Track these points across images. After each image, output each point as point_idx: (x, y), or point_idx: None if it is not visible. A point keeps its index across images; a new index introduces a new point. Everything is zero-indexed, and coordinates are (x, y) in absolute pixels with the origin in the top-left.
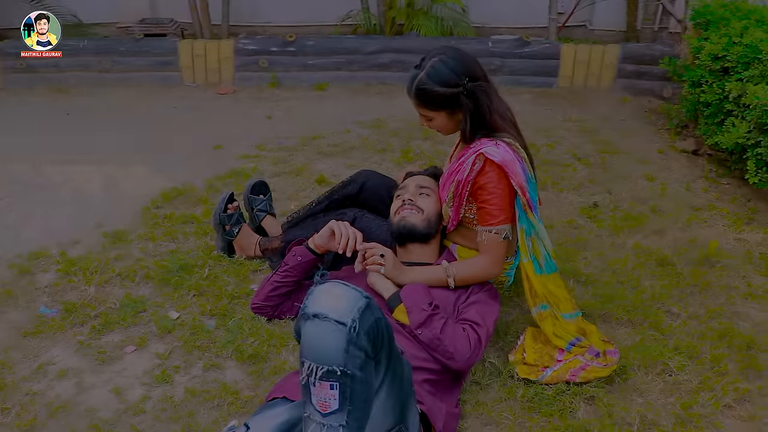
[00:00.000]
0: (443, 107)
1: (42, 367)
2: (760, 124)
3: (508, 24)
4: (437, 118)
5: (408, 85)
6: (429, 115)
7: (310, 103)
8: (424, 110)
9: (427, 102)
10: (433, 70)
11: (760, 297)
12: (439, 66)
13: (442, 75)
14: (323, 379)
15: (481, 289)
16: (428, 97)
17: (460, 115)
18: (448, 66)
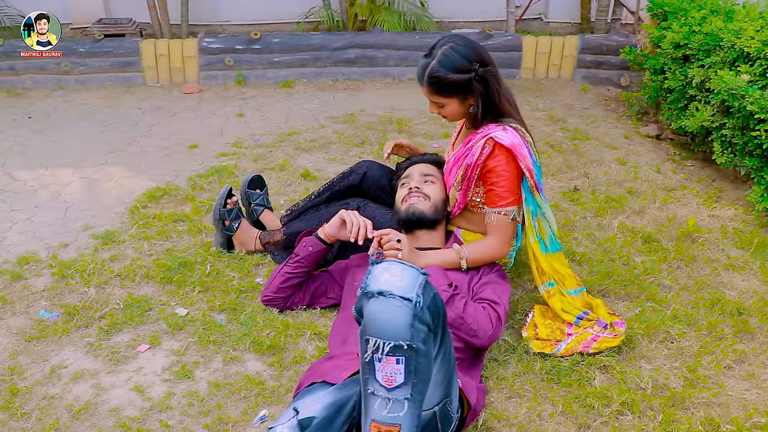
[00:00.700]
0: (456, 93)
1: (54, 371)
2: (724, 107)
3: (467, 18)
4: (449, 105)
5: (419, 74)
6: (441, 102)
7: (278, 100)
8: (437, 97)
9: (440, 89)
10: (444, 57)
11: (740, 268)
12: (450, 53)
13: (454, 62)
14: (390, 354)
15: (492, 270)
16: (441, 84)
17: (471, 101)
18: (459, 52)
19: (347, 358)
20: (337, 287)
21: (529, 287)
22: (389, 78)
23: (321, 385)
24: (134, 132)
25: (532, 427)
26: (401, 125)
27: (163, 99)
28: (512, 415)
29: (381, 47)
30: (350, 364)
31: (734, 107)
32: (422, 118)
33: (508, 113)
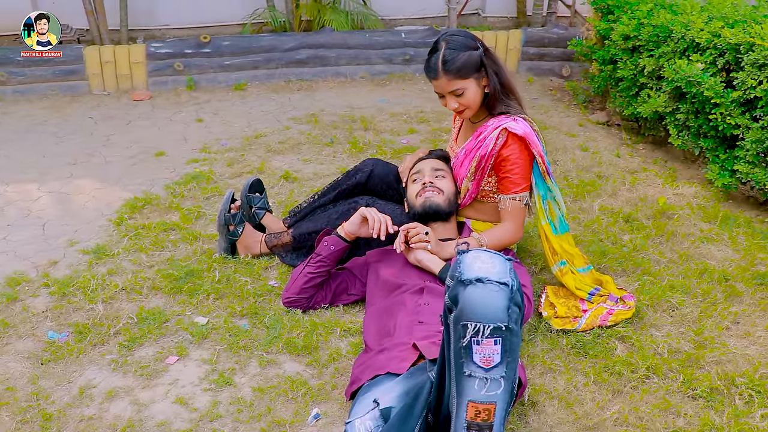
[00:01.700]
0: (472, 72)
1: (84, 391)
2: (676, 94)
3: (408, 15)
4: (468, 88)
5: (433, 67)
6: (461, 88)
7: (234, 104)
8: (457, 82)
9: (459, 71)
10: (451, 43)
11: (714, 239)
12: (454, 38)
13: (460, 43)
14: (489, 336)
15: (513, 256)
16: (457, 65)
17: (484, 80)
18: (461, 35)
19: (401, 350)
20: (358, 283)
21: (534, 270)
22: (342, 77)
23: (386, 377)
24: (92, 142)
25: (571, 398)
26: (365, 123)
27: (112, 107)
28: (551, 389)
29: (332, 47)
30: (406, 354)
31: (689, 93)
32: (384, 115)
33: (513, 89)
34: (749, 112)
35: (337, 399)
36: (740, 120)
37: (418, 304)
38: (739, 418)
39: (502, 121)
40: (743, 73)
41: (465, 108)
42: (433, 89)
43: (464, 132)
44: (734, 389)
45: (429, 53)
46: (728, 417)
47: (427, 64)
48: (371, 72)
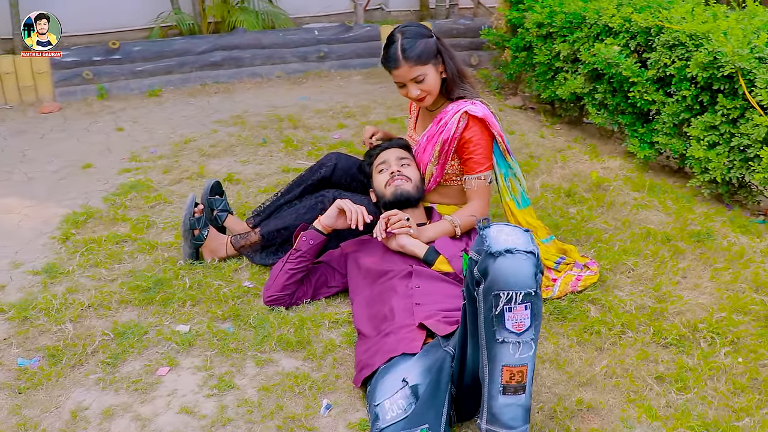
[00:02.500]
0: (430, 58)
1: (77, 415)
2: (592, 75)
3: (314, 13)
4: (428, 74)
5: (393, 57)
6: (421, 74)
7: (152, 110)
8: (418, 69)
9: (419, 57)
10: (407, 33)
11: (647, 206)
12: (409, 28)
13: (415, 32)
14: (521, 303)
15: None
16: (417, 52)
17: (440, 66)
18: (413, 26)
19: (407, 331)
20: (337, 275)
21: None
22: (258, 77)
23: (401, 358)
24: (6, 159)
25: (561, 359)
26: (293, 121)
27: (20, 121)
28: (542, 353)
29: (246, 47)
30: (415, 335)
31: (607, 74)
32: (309, 113)
33: (466, 74)
34: (662, 89)
35: (344, 388)
36: (655, 96)
37: (409, 288)
38: (707, 358)
39: (461, 105)
40: (656, 53)
41: (426, 94)
42: (393, 79)
43: (422, 120)
44: (698, 334)
45: (385, 46)
46: (698, 358)
47: (385, 55)
48: (287, 71)
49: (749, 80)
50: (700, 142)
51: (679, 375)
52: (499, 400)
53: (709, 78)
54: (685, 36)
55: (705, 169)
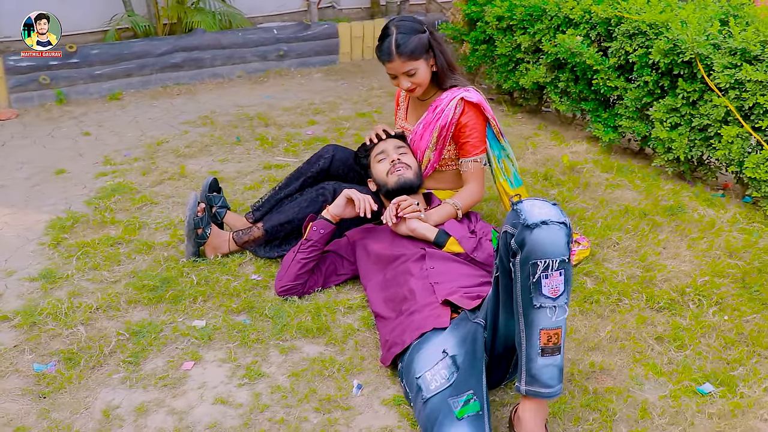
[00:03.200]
0: (422, 53)
1: (109, 414)
2: (553, 65)
3: (267, 12)
4: (420, 68)
5: (387, 51)
6: (413, 68)
7: (115, 114)
8: (410, 63)
9: (412, 53)
10: (401, 28)
11: (619, 185)
12: (403, 24)
13: (409, 28)
14: (556, 269)
15: (478, 217)
16: (410, 47)
17: (432, 60)
18: (408, 20)
19: (432, 308)
20: (345, 263)
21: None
22: (219, 78)
23: (432, 333)
24: None
25: (568, 327)
26: (263, 119)
27: None
28: None
29: (206, 48)
30: (440, 311)
31: (570, 63)
32: (277, 111)
33: (455, 66)
34: (623, 76)
35: (371, 368)
36: (617, 83)
37: (424, 269)
38: (698, 318)
39: (455, 92)
40: (616, 42)
41: (417, 86)
42: (387, 71)
43: (414, 109)
44: (686, 297)
45: (380, 38)
46: (690, 319)
47: (379, 48)
48: (247, 70)
49: (707, 65)
50: (663, 124)
51: (675, 335)
52: (538, 361)
53: (670, 64)
54: (645, 25)
55: (668, 148)
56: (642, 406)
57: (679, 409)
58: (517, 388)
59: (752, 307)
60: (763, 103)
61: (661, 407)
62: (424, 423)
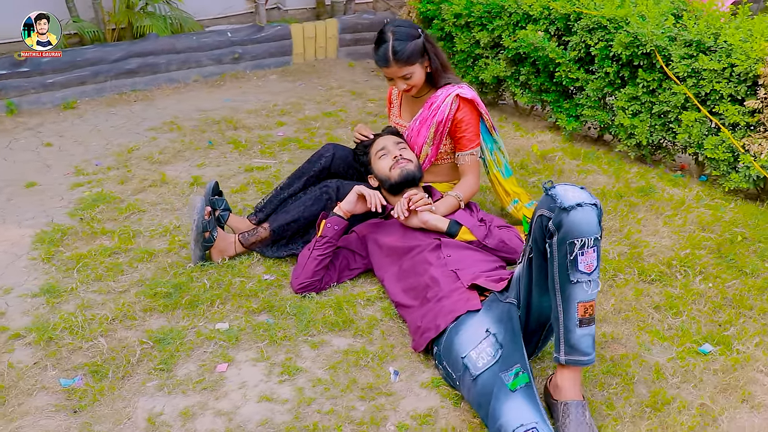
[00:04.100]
0: (418, 58)
1: (154, 421)
2: (515, 58)
3: (214, 15)
4: (415, 72)
5: (384, 58)
6: (409, 72)
7: (74, 124)
8: (406, 69)
9: (408, 59)
10: (398, 34)
11: (589, 171)
12: (399, 29)
13: (406, 34)
14: (591, 247)
15: (477, 207)
16: (406, 54)
17: (426, 62)
18: (405, 25)
19: (460, 293)
20: (357, 258)
21: None
22: (176, 83)
23: (466, 316)
24: None
25: None
26: (230, 123)
27: None
28: None
29: (161, 53)
30: (469, 295)
31: (531, 57)
32: (241, 114)
33: (447, 65)
34: (583, 68)
35: (402, 355)
36: (578, 74)
37: (441, 258)
38: (687, 287)
39: (450, 89)
40: (576, 36)
41: (412, 87)
42: (383, 73)
43: (408, 106)
44: (673, 269)
45: (377, 43)
46: (680, 288)
47: (376, 53)
48: (203, 74)
49: (665, 56)
50: (625, 112)
51: (669, 303)
52: (576, 332)
53: (631, 55)
54: (605, 20)
55: (630, 134)
56: (655, 368)
57: (687, 369)
58: (556, 359)
59: (731, 274)
60: (719, 90)
61: (672, 368)
62: (477, 399)
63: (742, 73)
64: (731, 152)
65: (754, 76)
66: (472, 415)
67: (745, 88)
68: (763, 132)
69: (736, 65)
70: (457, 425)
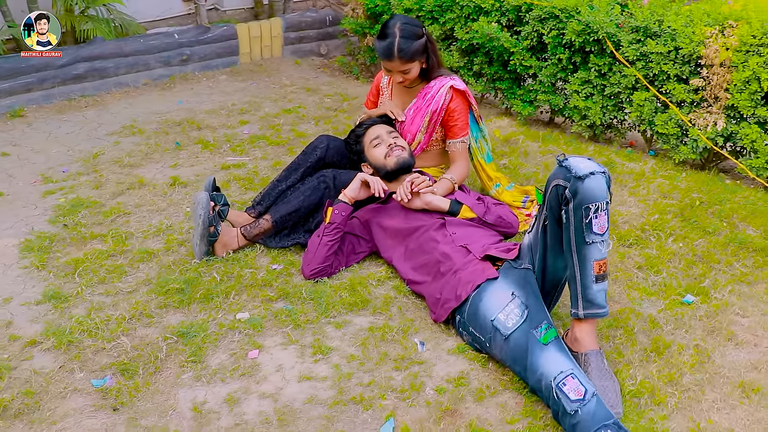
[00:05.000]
0: (419, 56)
1: (200, 409)
2: (468, 49)
3: (153, 17)
4: (414, 68)
5: (388, 52)
6: (409, 68)
7: (25, 132)
8: (407, 65)
9: (411, 57)
10: (404, 32)
11: (551, 151)
12: (406, 27)
13: (411, 32)
14: (603, 210)
15: (468, 189)
16: (410, 53)
17: (423, 58)
18: (411, 24)
19: (475, 264)
20: (362, 242)
21: None
22: (125, 86)
23: (485, 284)
24: None
25: None
26: (192, 123)
27: None
28: None
29: (109, 57)
30: (484, 266)
31: (484, 47)
32: (201, 115)
33: (441, 62)
34: (535, 55)
35: (423, 327)
36: (531, 62)
37: (447, 236)
38: (662, 248)
39: (444, 81)
40: (528, 26)
41: (407, 80)
42: (382, 65)
43: (398, 96)
44: (647, 233)
45: (381, 37)
46: (656, 249)
47: (380, 46)
48: (152, 77)
49: (614, 42)
50: (579, 95)
51: (649, 263)
52: (593, 288)
53: (583, 42)
54: (557, 10)
55: (584, 116)
56: (650, 319)
57: (677, 317)
58: (574, 315)
59: (697, 234)
60: (666, 71)
61: (664, 318)
62: (511, 355)
63: (686, 55)
64: (679, 127)
65: (697, 58)
66: (501, 373)
67: (689, 69)
68: (706, 107)
69: (681, 48)
70: (489, 383)
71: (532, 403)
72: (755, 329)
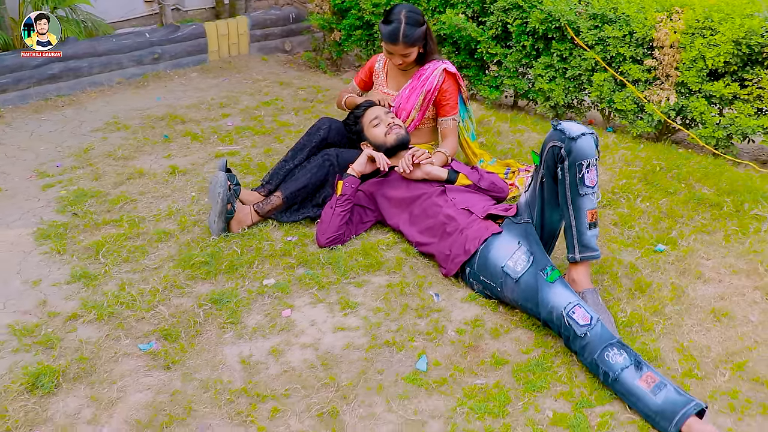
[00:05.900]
0: (420, 42)
1: (247, 362)
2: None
3: (117, 18)
4: (413, 52)
5: (393, 37)
6: (409, 52)
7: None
8: (409, 50)
9: (413, 42)
10: (409, 19)
11: (522, 131)
12: (410, 14)
13: (415, 20)
14: (593, 165)
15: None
16: (413, 38)
17: (422, 43)
18: (415, 12)
19: (479, 223)
20: (368, 212)
21: None
22: (100, 86)
23: (492, 238)
24: None
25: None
26: (176, 117)
27: None
28: None
29: (82, 57)
30: (487, 224)
31: (452, 37)
32: (181, 110)
33: (437, 49)
34: (500, 43)
35: (435, 282)
36: (497, 50)
37: (448, 201)
38: (632, 207)
39: (437, 64)
40: (493, 16)
41: (405, 63)
42: (384, 47)
43: (394, 78)
44: (618, 195)
45: (387, 21)
46: (627, 209)
47: (386, 30)
48: (125, 76)
49: (574, 28)
50: (543, 78)
51: (623, 220)
52: (587, 234)
53: (546, 29)
54: (521, 0)
55: (548, 97)
56: (630, 265)
57: (652, 262)
58: (571, 259)
59: (661, 195)
60: (623, 53)
61: (641, 264)
62: (523, 295)
63: (640, 38)
64: (636, 104)
65: (650, 40)
66: (511, 315)
67: (642, 51)
68: (659, 85)
69: (635, 32)
70: (502, 323)
71: (542, 336)
72: (718, 268)
